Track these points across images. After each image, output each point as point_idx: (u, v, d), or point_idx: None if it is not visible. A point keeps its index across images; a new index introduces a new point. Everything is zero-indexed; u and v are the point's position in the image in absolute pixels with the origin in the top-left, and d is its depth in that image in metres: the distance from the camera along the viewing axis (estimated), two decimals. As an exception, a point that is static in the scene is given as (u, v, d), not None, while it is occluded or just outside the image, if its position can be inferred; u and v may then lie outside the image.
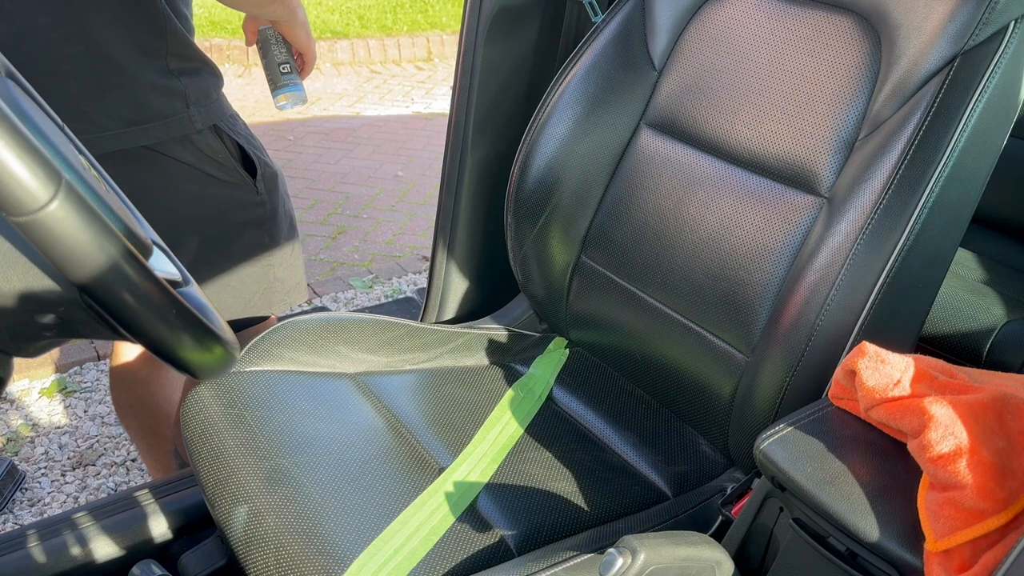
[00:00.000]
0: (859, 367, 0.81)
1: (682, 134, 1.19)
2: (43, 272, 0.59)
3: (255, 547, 0.93)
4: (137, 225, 0.69)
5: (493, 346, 1.37)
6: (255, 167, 1.35)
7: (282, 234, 1.43)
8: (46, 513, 1.82)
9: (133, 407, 1.54)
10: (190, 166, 1.28)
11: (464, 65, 1.40)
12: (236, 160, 1.34)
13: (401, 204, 3.40)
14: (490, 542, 0.97)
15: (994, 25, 0.93)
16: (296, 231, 1.48)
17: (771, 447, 0.81)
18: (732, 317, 1.08)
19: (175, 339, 0.60)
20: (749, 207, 1.09)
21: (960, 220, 1.00)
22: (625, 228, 1.23)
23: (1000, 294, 1.58)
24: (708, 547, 0.83)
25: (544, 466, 1.12)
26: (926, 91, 0.95)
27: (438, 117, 4.39)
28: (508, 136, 1.44)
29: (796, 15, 1.10)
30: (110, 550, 1.16)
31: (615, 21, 1.26)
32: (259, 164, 1.36)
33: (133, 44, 1.20)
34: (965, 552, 0.68)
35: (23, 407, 2.14)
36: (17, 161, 0.49)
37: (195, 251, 1.32)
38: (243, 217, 1.36)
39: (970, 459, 0.70)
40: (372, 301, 2.68)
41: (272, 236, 1.41)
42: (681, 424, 1.23)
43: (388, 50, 5.24)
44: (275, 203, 1.40)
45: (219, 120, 1.31)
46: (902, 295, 0.96)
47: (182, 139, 1.26)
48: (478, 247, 1.54)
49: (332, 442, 1.08)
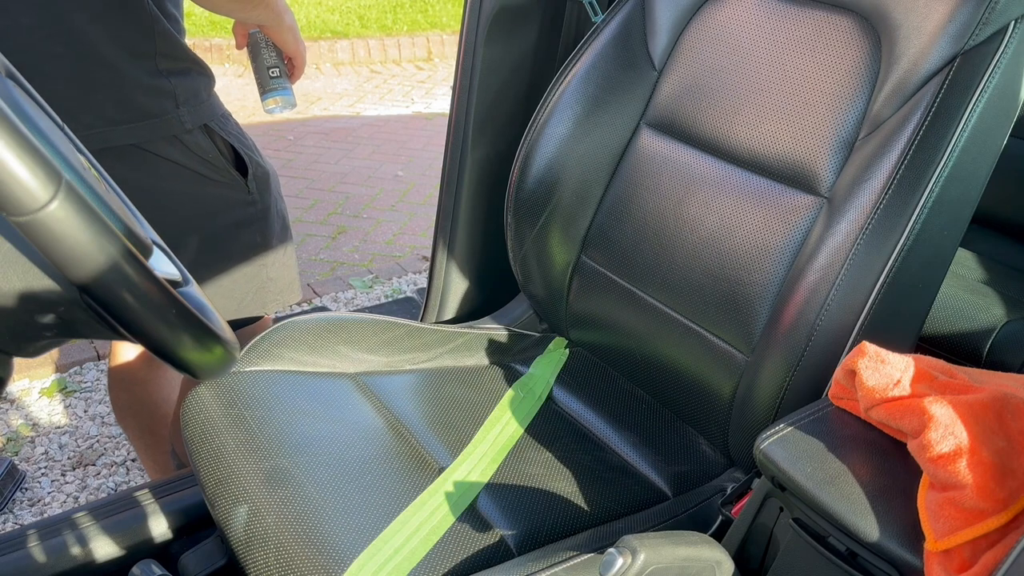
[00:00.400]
0: (859, 367, 0.81)
1: (682, 134, 1.19)
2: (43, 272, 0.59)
3: (255, 547, 0.93)
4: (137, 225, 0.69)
5: (493, 346, 1.37)
6: (247, 167, 1.35)
7: (274, 234, 1.43)
8: (46, 513, 1.82)
9: (131, 408, 1.54)
10: (180, 165, 1.28)
11: (464, 65, 1.40)
12: (227, 160, 1.34)
13: (401, 204, 3.40)
14: (490, 542, 0.97)
15: (994, 25, 0.93)
16: (289, 231, 1.48)
17: (771, 447, 0.81)
18: (732, 317, 1.08)
19: (175, 339, 0.60)
20: (749, 207, 1.09)
21: (960, 220, 1.00)
22: (625, 228, 1.23)
23: (1000, 294, 1.58)
24: (708, 547, 0.83)
25: (544, 466, 1.12)
26: (926, 91, 0.95)
27: (438, 117, 4.39)
28: (508, 136, 1.44)
29: (796, 15, 1.10)
30: (110, 550, 1.16)
31: (615, 21, 1.26)
32: (250, 164, 1.36)
33: (119, 44, 1.20)
34: (965, 552, 0.68)
35: (23, 407, 2.14)
36: (17, 161, 0.49)
37: (186, 250, 1.32)
38: (234, 217, 1.36)
39: (970, 459, 0.70)
40: (372, 301, 2.68)
41: (264, 236, 1.41)
42: (681, 424, 1.23)
43: (388, 50, 5.24)
44: (267, 203, 1.40)
45: (210, 120, 1.31)
46: (902, 295, 0.96)
47: (171, 138, 1.26)
48: (478, 247, 1.54)
49: (332, 442, 1.08)
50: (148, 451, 1.59)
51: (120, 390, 1.53)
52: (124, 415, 1.56)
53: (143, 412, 1.54)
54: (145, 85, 1.23)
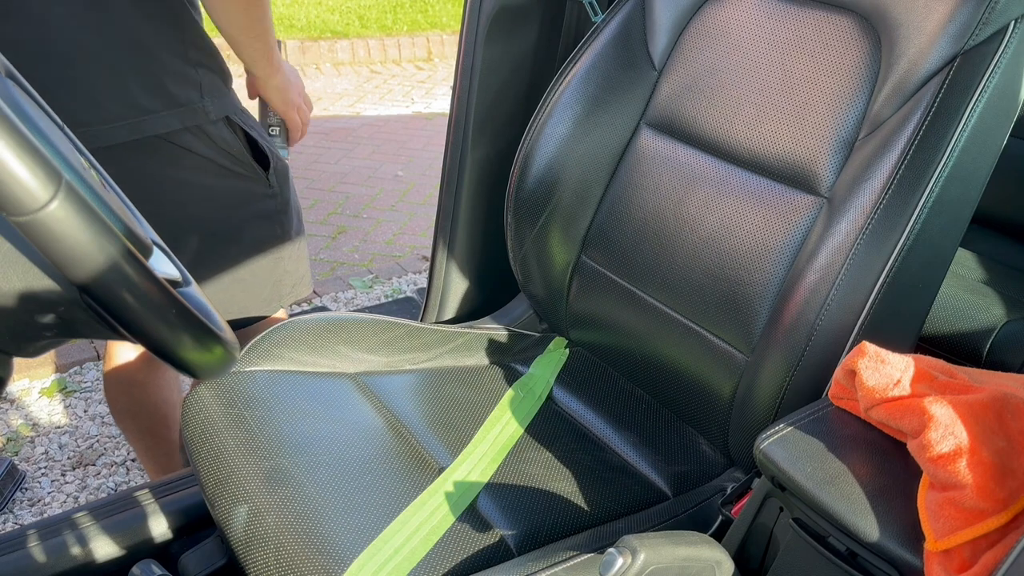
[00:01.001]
0: (859, 367, 0.81)
1: (682, 134, 1.19)
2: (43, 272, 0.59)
3: (255, 547, 0.93)
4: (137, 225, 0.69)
5: (493, 346, 1.37)
6: (267, 160, 1.36)
7: (293, 227, 1.45)
8: (46, 513, 1.82)
9: (131, 410, 1.54)
10: (205, 158, 1.29)
11: (464, 65, 1.40)
12: (248, 153, 1.35)
13: (401, 204, 3.40)
14: (490, 542, 0.97)
15: (994, 25, 0.93)
16: (303, 224, 1.51)
17: (771, 447, 0.81)
18: (732, 317, 1.08)
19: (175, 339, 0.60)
20: (749, 207, 1.09)
21: (960, 220, 1.00)
22: (625, 228, 1.23)
23: (1000, 294, 1.58)
24: (708, 547, 0.83)
25: (544, 466, 1.12)
26: (926, 91, 0.95)
27: (438, 117, 4.39)
28: (508, 136, 1.44)
29: (796, 15, 1.10)
30: (110, 550, 1.16)
31: (615, 21, 1.26)
32: (271, 157, 1.37)
33: (156, 30, 1.21)
34: (965, 552, 0.68)
35: (23, 407, 2.14)
36: (17, 161, 0.49)
37: (208, 243, 1.33)
38: (256, 209, 1.37)
39: (970, 459, 0.70)
40: (372, 301, 2.68)
41: (284, 229, 1.42)
42: (681, 424, 1.23)
43: (388, 50, 5.24)
44: (287, 196, 1.42)
45: (231, 112, 1.32)
46: (902, 295, 0.96)
47: (196, 130, 1.27)
48: (478, 247, 1.54)
49: (332, 442, 1.08)
50: (149, 453, 1.59)
51: (118, 393, 1.53)
52: (123, 417, 1.56)
53: (143, 414, 1.54)
54: (175, 73, 1.24)
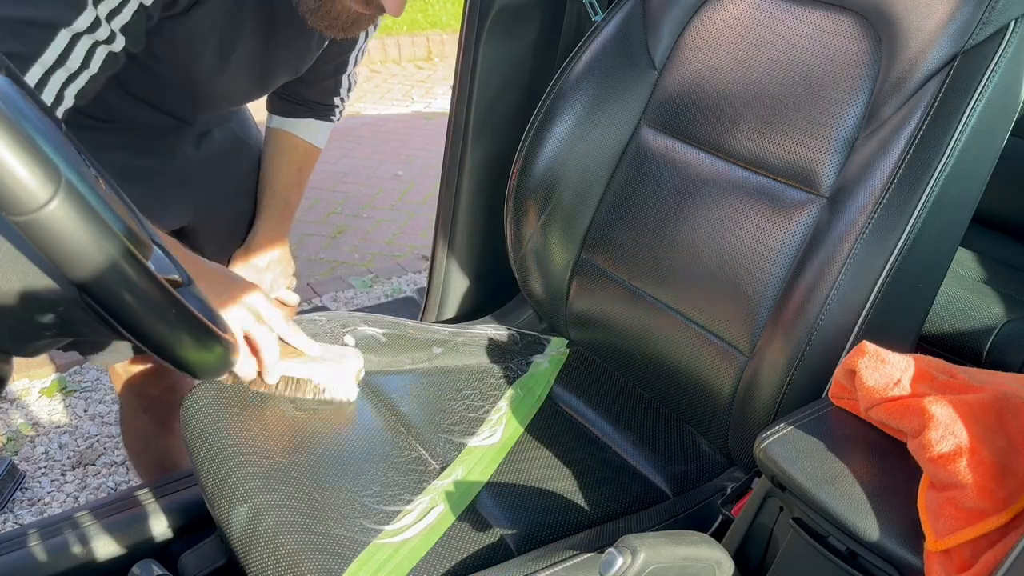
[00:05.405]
0: (859, 366, 0.81)
1: (682, 133, 1.19)
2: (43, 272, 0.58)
3: (255, 547, 0.93)
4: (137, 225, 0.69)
5: (493, 346, 1.37)
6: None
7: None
8: (46, 513, 1.82)
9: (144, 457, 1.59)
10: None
11: (464, 64, 1.40)
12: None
13: (401, 204, 3.40)
14: (490, 541, 0.97)
15: (994, 24, 0.93)
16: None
17: (771, 446, 0.81)
18: (732, 316, 1.08)
19: (175, 339, 0.60)
20: (749, 206, 1.09)
21: (960, 220, 1.00)
22: (625, 227, 1.23)
23: (1000, 294, 1.58)
24: (708, 547, 0.83)
25: (544, 466, 1.12)
26: (926, 90, 0.95)
27: (438, 116, 4.39)
28: (508, 135, 1.44)
29: (796, 14, 1.10)
30: (110, 550, 1.16)
31: (615, 20, 1.26)
32: None
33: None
34: (965, 552, 0.68)
35: (23, 406, 2.14)
36: (17, 160, 0.48)
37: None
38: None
39: (970, 459, 0.70)
40: (372, 301, 2.68)
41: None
42: (681, 423, 1.23)
43: (388, 49, 5.24)
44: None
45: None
46: (902, 295, 0.96)
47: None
48: (478, 247, 1.54)
49: (332, 441, 1.08)
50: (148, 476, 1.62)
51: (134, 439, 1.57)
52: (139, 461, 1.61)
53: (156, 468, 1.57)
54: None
